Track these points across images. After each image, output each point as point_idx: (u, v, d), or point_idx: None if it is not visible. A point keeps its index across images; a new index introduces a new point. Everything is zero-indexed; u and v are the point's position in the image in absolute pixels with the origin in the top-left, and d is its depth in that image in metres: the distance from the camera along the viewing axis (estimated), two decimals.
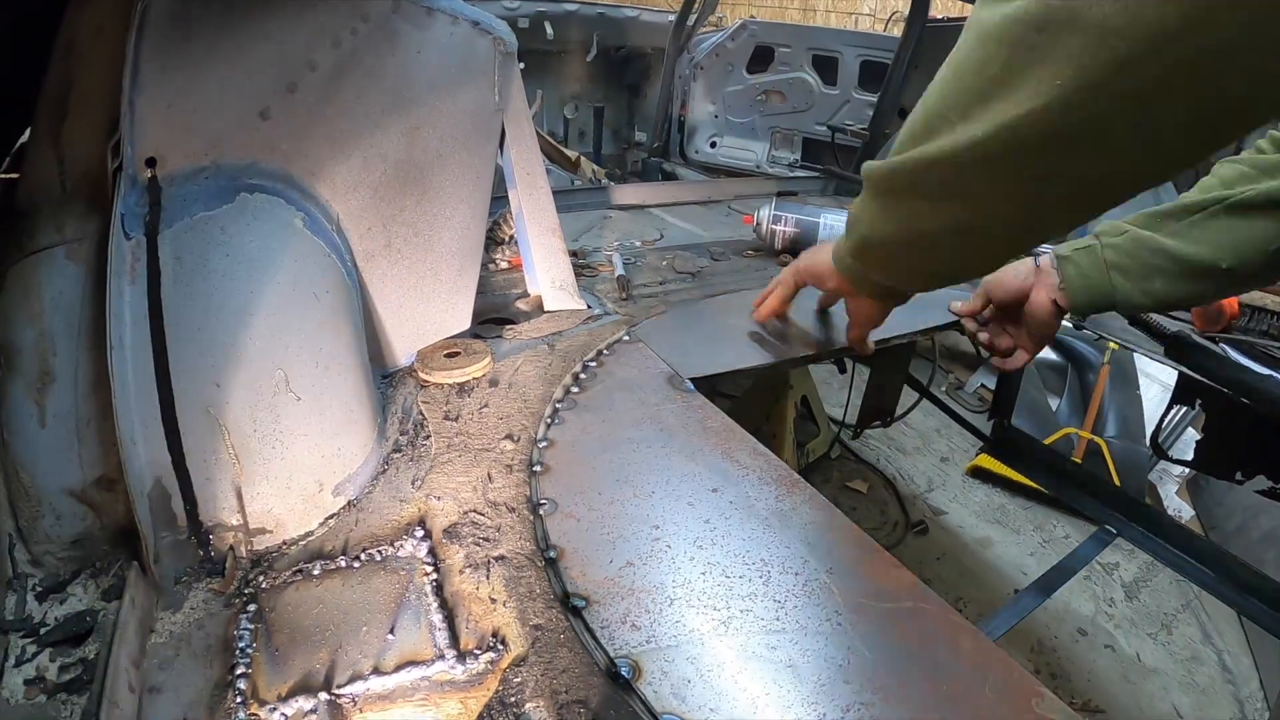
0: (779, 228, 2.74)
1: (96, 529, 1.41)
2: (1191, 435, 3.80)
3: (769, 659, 1.13)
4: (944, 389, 5.19)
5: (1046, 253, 1.78)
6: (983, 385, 5.18)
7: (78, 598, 1.32)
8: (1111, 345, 4.32)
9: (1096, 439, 4.23)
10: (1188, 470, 4.19)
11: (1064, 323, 2.51)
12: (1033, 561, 3.93)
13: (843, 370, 4.19)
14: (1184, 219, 1.60)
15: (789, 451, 3.81)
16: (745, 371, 1.98)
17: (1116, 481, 3.94)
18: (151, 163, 1.44)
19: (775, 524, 1.39)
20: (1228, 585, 2.27)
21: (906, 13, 4.08)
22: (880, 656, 1.14)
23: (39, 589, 1.33)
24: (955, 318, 2.25)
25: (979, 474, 4.57)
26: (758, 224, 2.79)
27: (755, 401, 3.83)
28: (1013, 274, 1.84)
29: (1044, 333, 1.85)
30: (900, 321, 2.29)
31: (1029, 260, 1.82)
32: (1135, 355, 3.83)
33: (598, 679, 1.10)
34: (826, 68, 5.24)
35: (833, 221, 2.76)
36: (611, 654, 1.12)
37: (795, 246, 2.75)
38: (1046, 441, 4.03)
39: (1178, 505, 4.27)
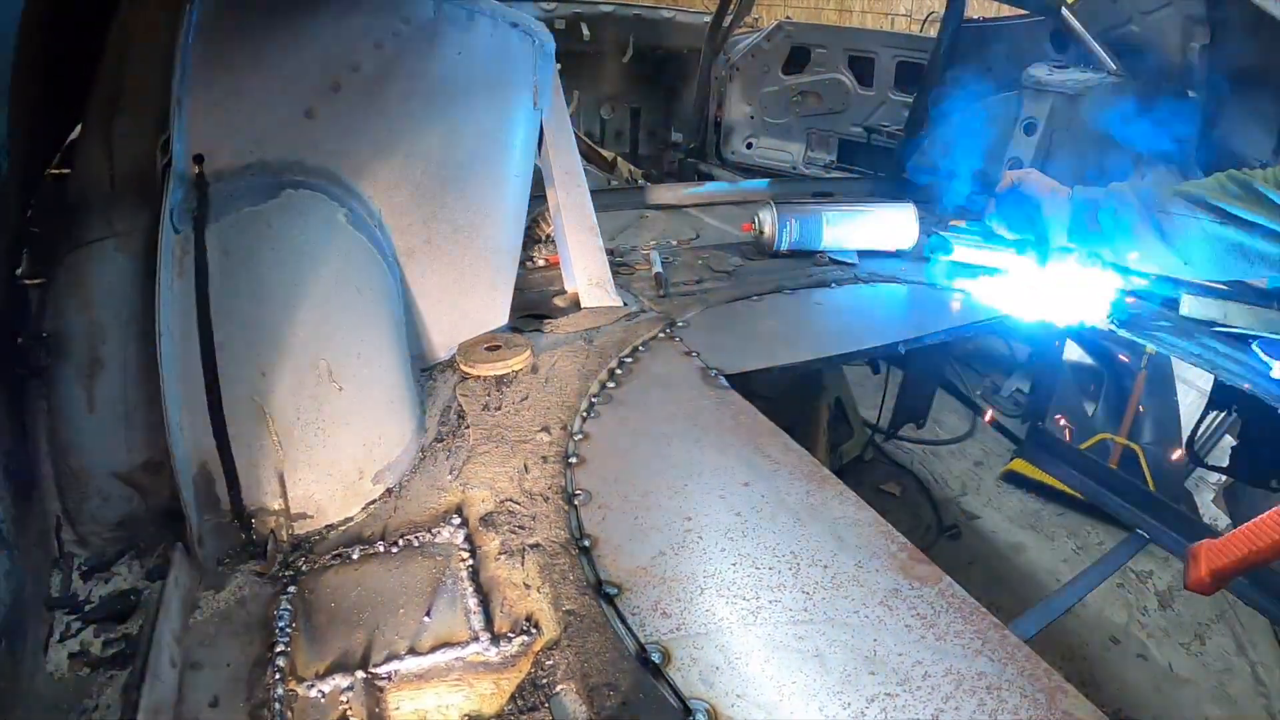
0: (785, 231, 2.73)
1: (142, 511, 1.45)
2: (1228, 441, 3.75)
3: (796, 649, 1.15)
4: (979, 392, 5.15)
5: None
6: (1018, 389, 5.14)
7: (122, 577, 1.36)
8: (1148, 350, 4.27)
9: (1132, 445, 4.18)
10: (1223, 477, 4.14)
11: (1101, 327, 2.50)
12: (1066, 568, 3.89)
13: (876, 371, 4.17)
14: None
15: (822, 453, 3.80)
16: (778, 370, 1.99)
17: (1152, 488, 3.89)
18: (199, 159, 1.49)
19: (805, 517, 1.41)
20: (1263, 594, 2.25)
21: (942, 13, 4.08)
22: (906, 649, 1.15)
23: (84, 568, 1.37)
24: (989, 319, 2.26)
25: (1013, 478, 4.52)
26: (760, 226, 2.79)
27: (789, 403, 3.82)
28: None
29: None
30: (933, 321, 2.30)
31: None
32: (1172, 360, 3.78)
33: (628, 664, 1.12)
34: (863, 69, 5.22)
35: (833, 219, 2.79)
36: (642, 640, 1.14)
37: (801, 246, 2.77)
38: (1081, 447, 3.99)
39: (1214, 513, 4.21)
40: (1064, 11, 3.37)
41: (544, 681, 1.12)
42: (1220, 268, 1.88)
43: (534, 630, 1.20)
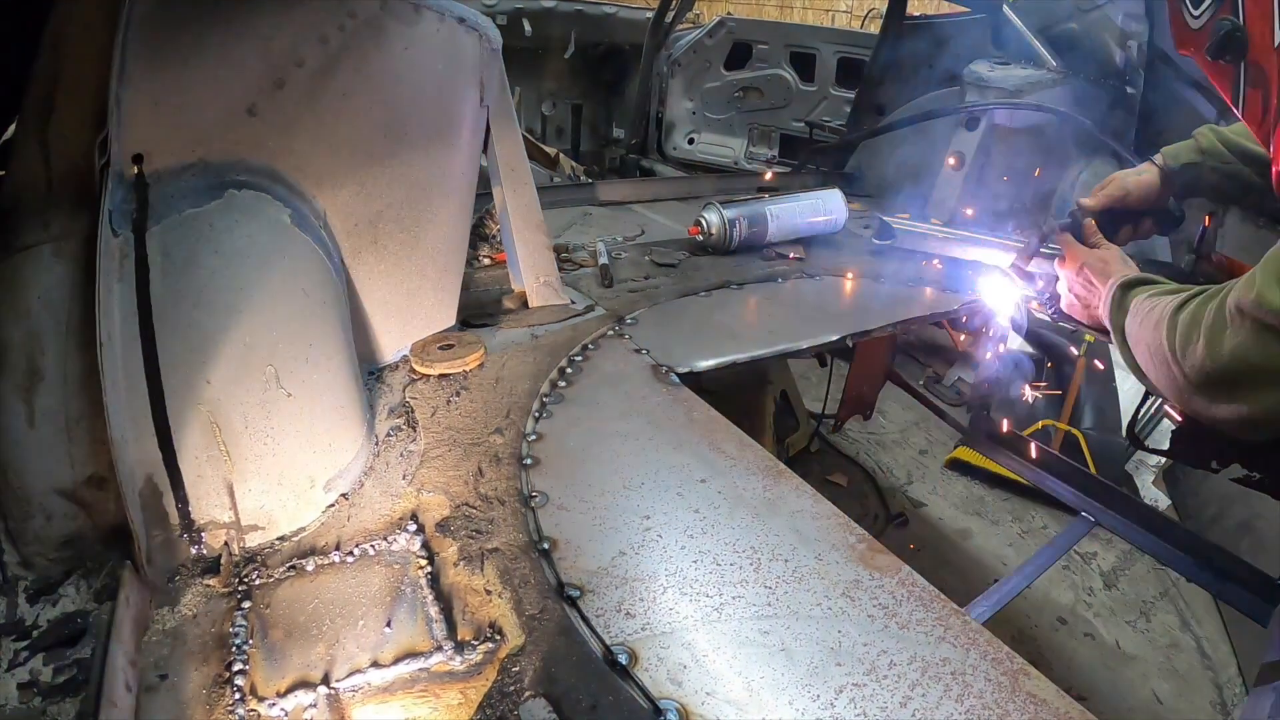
0: (735, 229, 2.74)
1: (88, 529, 1.40)
2: (1167, 425, 3.84)
3: (762, 643, 1.15)
4: (922, 382, 5.22)
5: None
6: (960, 379, 5.22)
7: (70, 599, 1.32)
8: (1087, 338, 4.36)
9: (1074, 430, 4.27)
10: (1164, 460, 4.24)
11: (1041, 316, 2.54)
12: (1011, 552, 3.96)
13: (823, 364, 4.21)
14: None
15: (769, 446, 3.82)
16: (728, 365, 1.99)
17: (1094, 471, 3.97)
18: (139, 159, 1.44)
19: (764, 512, 1.41)
20: (1205, 571, 2.30)
21: (884, 10, 4.12)
22: (871, 639, 1.16)
23: (30, 591, 1.32)
24: (935, 310, 2.29)
25: (957, 466, 4.60)
26: (707, 229, 2.77)
27: (734, 396, 3.82)
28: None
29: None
30: (880, 313, 2.32)
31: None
32: (1111, 347, 3.85)
33: (595, 667, 1.11)
34: (804, 64, 5.27)
35: (777, 210, 2.83)
36: (608, 642, 1.14)
37: (752, 241, 2.80)
38: (1024, 434, 4.06)
39: (1154, 495, 4.31)
40: (1005, 9, 3.43)
41: (511, 689, 1.10)
42: None
43: (498, 637, 1.18)
